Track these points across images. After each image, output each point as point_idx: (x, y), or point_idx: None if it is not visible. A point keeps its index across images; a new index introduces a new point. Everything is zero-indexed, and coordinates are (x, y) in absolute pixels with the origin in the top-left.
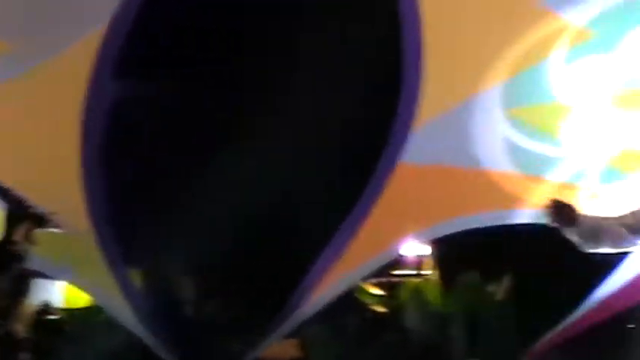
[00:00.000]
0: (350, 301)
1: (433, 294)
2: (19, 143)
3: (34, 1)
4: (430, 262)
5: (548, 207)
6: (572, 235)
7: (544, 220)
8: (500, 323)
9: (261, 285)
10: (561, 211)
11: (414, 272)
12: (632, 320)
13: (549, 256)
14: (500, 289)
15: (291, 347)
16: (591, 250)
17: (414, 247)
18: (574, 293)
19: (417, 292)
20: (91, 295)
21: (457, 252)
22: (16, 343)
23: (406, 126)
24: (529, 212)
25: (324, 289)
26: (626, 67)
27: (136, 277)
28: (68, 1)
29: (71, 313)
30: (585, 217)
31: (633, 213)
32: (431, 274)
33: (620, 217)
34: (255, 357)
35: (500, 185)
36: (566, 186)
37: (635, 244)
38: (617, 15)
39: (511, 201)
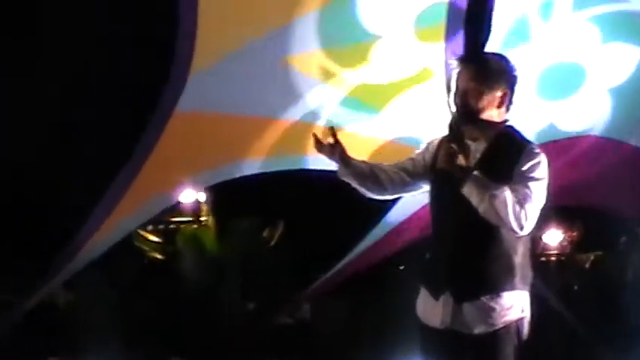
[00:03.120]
0: (127, 248)
1: (209, 240)
2: None
3: None
4: (206, 208)
5: (318, 147)
6: (348, 177)
7: (319, 165)
8: (274, 267)
9: (38, 233)
10: (333, 150)
11: (191, 219)
12: (402, 262)
13: (322, 201)
14: (273, 234)
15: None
16: (373, 194)
17: (191, 194)
18: (346, 237)
19: (194, 238)
20: None
21: (233, 198)
22: None
23: (182, 73)
24: (302, 158)
25: (102, 236)
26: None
27: None
28: None
29: None
30: (361, 161)
31: (413, 159)
32: (207, 221)
33: (403, 163)
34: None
35: (274, 132)
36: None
37: (413, 190)
38: None
39: (285, 148)
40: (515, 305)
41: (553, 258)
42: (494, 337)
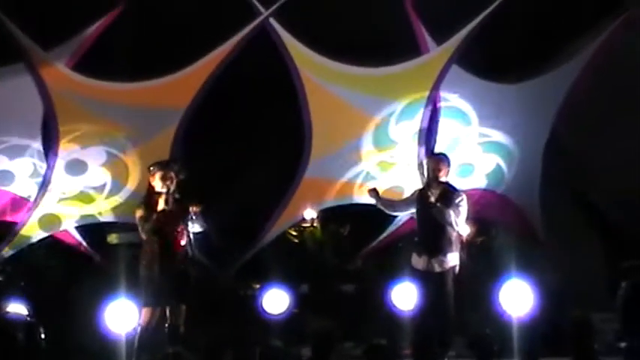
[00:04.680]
0: (283, 236)
1: (318, 234)
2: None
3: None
4: (316, 219)
5: (369, 194)
6: (380, 206)
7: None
8: (345, 244)
9: (248, 228)
10: (374, 195)
11: (309, 225)
12: (401, 241)
13: (367, 215)
14: (345, 230)
15: None
16: (390, 212)
17: (309, 213)
18: (377, 230)
19: (311, 233)
20: None
21: (326, 216)
22: None
23: (306, 160)
24: (358, 198)
25: (273, 232)
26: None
27: None
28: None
29: None
30: (385, 198)
31: (408, 197)
32: (317, 225)
33: (403, 199)
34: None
35: (342, 187)
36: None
37: (408, 211)
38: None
39: (351, 192)
40: (453, 259)
41: (464, 239)
42: (445, 273)
